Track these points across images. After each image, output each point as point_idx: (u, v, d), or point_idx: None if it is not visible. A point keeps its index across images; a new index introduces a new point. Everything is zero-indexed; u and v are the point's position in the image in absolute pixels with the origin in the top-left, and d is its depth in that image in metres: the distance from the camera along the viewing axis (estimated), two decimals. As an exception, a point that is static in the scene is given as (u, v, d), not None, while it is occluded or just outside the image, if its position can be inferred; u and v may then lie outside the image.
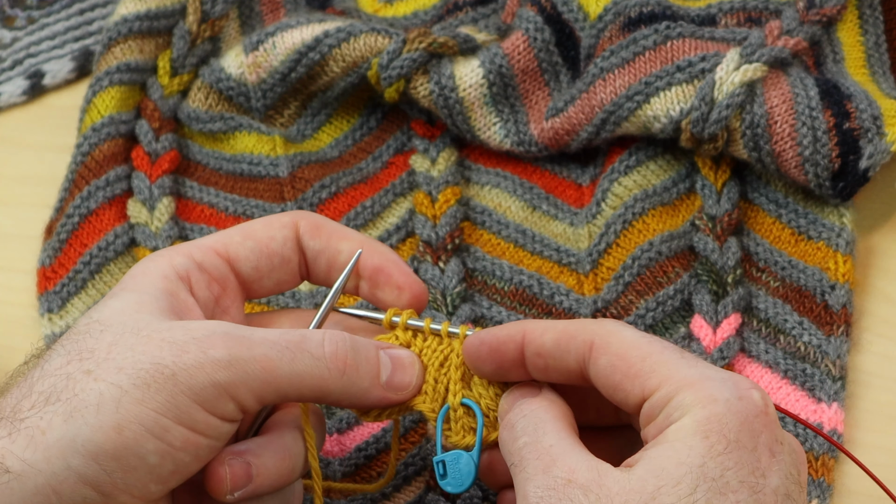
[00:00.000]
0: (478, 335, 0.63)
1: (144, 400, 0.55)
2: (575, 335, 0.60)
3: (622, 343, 0.59)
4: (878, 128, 0.78)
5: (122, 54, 0.87)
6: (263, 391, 0.58)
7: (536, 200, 0.85)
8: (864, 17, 0.87)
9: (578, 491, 0.55)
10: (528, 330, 0.61)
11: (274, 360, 0.58)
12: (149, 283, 0.61)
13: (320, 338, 0.60)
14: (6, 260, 0.84)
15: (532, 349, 0.61)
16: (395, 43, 0.84)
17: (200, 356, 0.57)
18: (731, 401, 0.56)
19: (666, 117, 0.81)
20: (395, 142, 0.88)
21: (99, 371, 0.56)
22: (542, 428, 0.59)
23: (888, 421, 0.75)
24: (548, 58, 0.86)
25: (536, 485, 0.56)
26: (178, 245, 0.64)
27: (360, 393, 0.61)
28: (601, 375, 0.59)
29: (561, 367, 0.61)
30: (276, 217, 0.65)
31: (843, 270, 0.79)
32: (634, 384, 0.58)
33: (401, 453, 0.74)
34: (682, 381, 0.57)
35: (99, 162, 0.84)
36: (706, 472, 0.55)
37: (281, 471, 0.61)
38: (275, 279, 0.65)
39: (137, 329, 0.58)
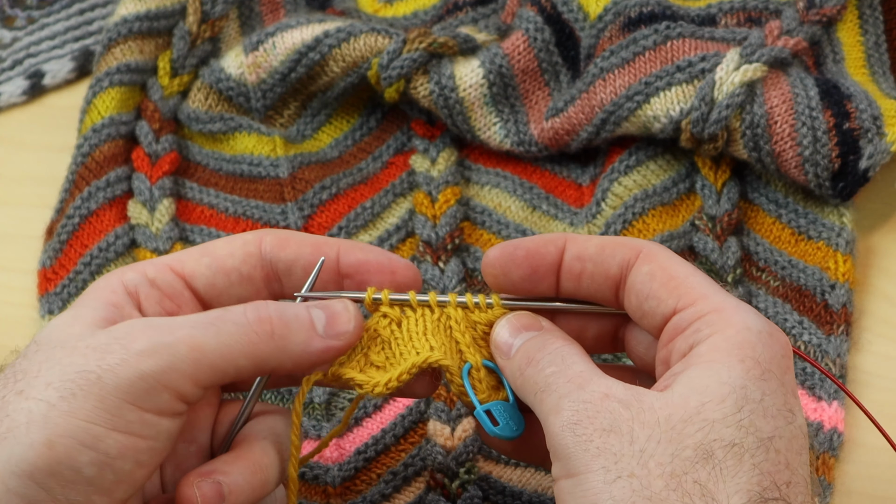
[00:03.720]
0: (511, 241, 0.63)
1: (72, 411, 0.54)
2: (623, 243, 0.61)
3: (669, 258, 0.60)
4: (878, 128, 0.78)
5: (122, 55, 0.87)
6: (197, 372, 0.57)
7: (536, 200, 0.85)
8: (864, 17, 0.87)
9: (617, 404, 0.55)
10: (571, 236, 0.62)
11: (198, 337, 0.56)
12: (92, 298, 0.60)
13: (241, 308, 0.59)
14: (6, 260, 0.84)
15: (573, 252, 0.61)
16: (395, 43, 0.84)
17: (122, 353, 0.55)
18: (763, 333, 0.57)
19: (666, 117, 0.81)
20: (395, 142, 0.88)
21: (29, 390, 0.55)
22: (569, 359, 0.59)
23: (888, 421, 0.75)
24: (548, 58, 0.86)
25: (571, 399, 0.56)
26: (136, 263, 0.63)
27: (299, 349, 0.59)
28: (638, 282, 0.60)
29: (599, 273, 0.61)
30: (240, 235, 0.64)
31: (843, 270, 0.79)
32: (671, 294, 0.58)
33: (400, 453, 0.74)
34: (717, 303, 0.58)
35: (99, 163, 0.84)
36: (748, 394, 0.55)
37: (253, 485, 0.60)
38: (234, 295, 0.63)
39: (65, 342, 0.57)
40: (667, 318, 0.59)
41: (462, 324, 0.64)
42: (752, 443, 0.54)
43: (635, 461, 0.53)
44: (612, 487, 0.53)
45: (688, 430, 0.54)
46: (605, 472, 0.53)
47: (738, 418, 0.54)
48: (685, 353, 0.57)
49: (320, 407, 0.76)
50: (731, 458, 0.53)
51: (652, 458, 0.53)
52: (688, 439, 0.53)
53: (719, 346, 0.56)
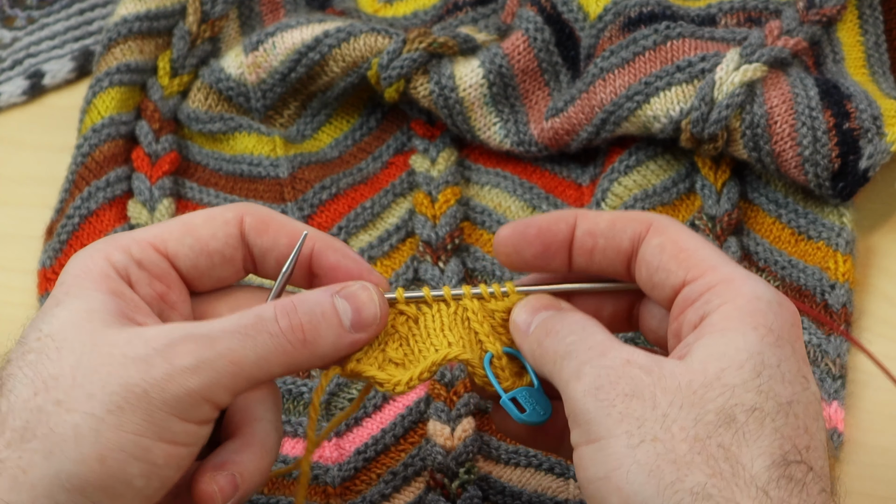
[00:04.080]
0: (522, 220, 0.63)
1: (122, 424, 0.55)
2: (633, 217, 0.61)
3: (679, 231, 0.60)
4: (878, 128, 0.78)
5: (122, 55, 0.87)
6: (235, 384, 0.57)
7: (536, 200, 0.85)
8: (864, 17, 0.87)
9: (639, 370, 0.55)
10: (582, 212, 0.62)
11: (237, 350, 0.57)
12: (91, 284, 0.59)
13: (272, 314, 0.58)
14: (6, 260, 0.84)
15: (585, 227, 0.62)
16: (395, 43, 0.84)
17: (167, 367, 0.55)
18: (773, 302, 0.57)
19: (666, 117, 0.81)
20: (395, 142, 0.88)
21: (69, 401, 0.55)
22: (589, 328, 0.59)
23: (888, 421, 0.75)
24: (548, 58, 0.86)
25: (593, 365, 0.56)
26: (114, 237, 0.62)
27: (329, 350, 0.60)
28: (648, 254, 0.60)
29: (611, 248, 0.61)
30: (220, 212, 0.63)
31: (843, 270, 0.79)
32: (680, 266, 0.59)
33: (400, 453, 0.74)
34: (727, 274, 0.58)
35: (99, 163, 0.84)
36: (766, 360, 0.55)
37: (262, 469, 0.61)
38: (216, 277, 0.63)
39: (95, 345, 0.56)
40: (677, 289, 0.59)
41: (479, 314, 0.64)
42: (772, 407, 0.54)
43: (658, 425, 0.53)
44: (636, 451, 0.53)
45: (709, 395, 0.54)
46: (628, 436, 0.53)
47: (757, 383, 0.54)
48: (696, 324, 0.57)
49: (320, 407, 0.76)
50: (753, 421, 0.54)
51: (675, 423, 0.53)
52: (709, 404, 0.54)
53: (731, 314, 0.56)
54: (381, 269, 0.82)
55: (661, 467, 0.53)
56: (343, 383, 0.77)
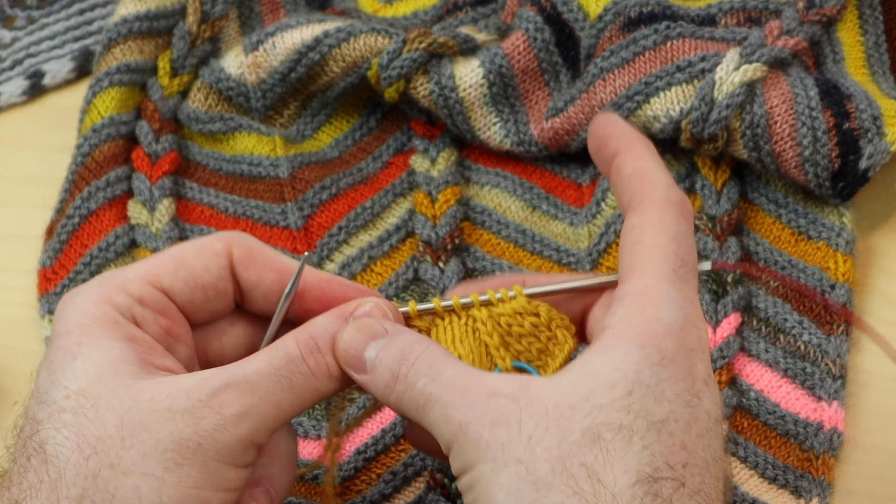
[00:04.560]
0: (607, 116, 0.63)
1: (181, 481, 0.55)
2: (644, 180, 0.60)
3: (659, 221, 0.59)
4: (878, 128, 0.78)
5: (122, 55, 0.87)
6: (276, 425, 0.58)
7: (536, 200, 0.85)
8: (864, 17, 0.87)
9: (504, 399, 0.54)
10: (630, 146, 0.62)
11: (277, 394, 0.57)
12: (103, 333, 0.58)
13: (298, 352, 0.58)
14: (6, 260, 0.84)
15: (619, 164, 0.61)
16: (395, 43, 0.84)
17: (217, 418, 0.56)
18: (674, 327, 0.56)
19: (666, 117, 0.81)
20: (395, 142, 0.88)
21: (123, 464, 0.54)
22: (437, 364, 0.57)
23: (888, 421, 0.75)
24: (548, 58, 0.86)
25: (456, 407, 0.55)
26: (108, 277, 0.61)
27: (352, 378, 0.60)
28: (624, 231, 0.60)
29: (619, 195, 0.61)
30: (209, 243, 0.62)
31: (843, 270, 0.79)
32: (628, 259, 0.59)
33: (400, 453, 0.74)
34: (646, 286, 0.57)
35: (99, 163, 0.84)
36: (641, 379, 0.54)
37: (290, 479, 0.62)
38: (209, 310, 0.63)
39: (134, 401, 0.56)
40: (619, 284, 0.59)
41: (489, 324, 0.63)
42: (641, 425, 0.54)
43: (522, 448, 0.53)
44: (499, 476, 0.53)
45: (576, 416, 0.53)
46: (493, 461, 0.53)
47: (626, 402, 0.54)
48: (597, 335, 0.57)
49: (320, 407, 0.76)
50: (620, 440, 0.53)
51: (539, 445, 0.53)
52: (575, 424, 0.53)
53: (624, 332, 0.56)
54: (381, 269, 0.82)
55: (522, 489, 0.53)
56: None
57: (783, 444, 0.74)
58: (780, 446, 0.74)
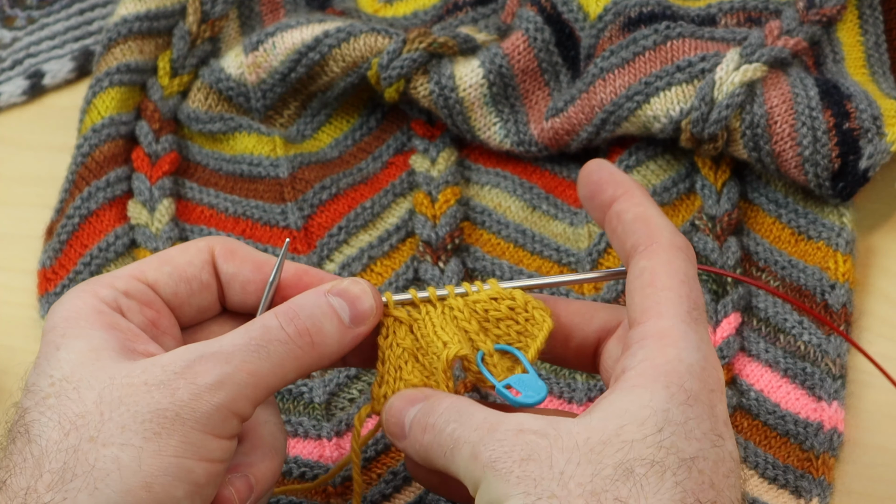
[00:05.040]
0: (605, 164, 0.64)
1: (161, 449, 0.55)
2: (649, 223, 0.61)
3: (668, 264, 0.60)
4: (878, 128, 0.78)
5: (122, 55, 0.87)
6: (256, 394, 0.58)
7: (536, 200, 0.85)
8: (864, 17, 0.87)
9: (533, 436, 0.55)
10: (629, 191, 0.63)
11: (254, 362, 0.58)
12: (87, 323, 0.60)
13: (276, 322, 0.59)
14: (6, 260, 0.84)
15: (617, 209, 0.62)
16: (395, 43, 0.84)
17: (192, 387, 0.56)
18: (695, 367, 0.57)
19: (666, 117, 0.81)
20: (395, 142, 0.88)
21: (102, 436, 0.55)
22: (466, 411, 0.58)
23: (888, 421, 0.75)
24: (548, 58, 0.86)
25: (485, 443, 0.55)
26: (94, 278, 0.63)
27: (335, 347, 0.61)
28: (632, 276, 0.60)
29: (621, 241, 0.62)
30: (193, 242, 0.64)
31: (843, 270, 0.79)
32: (640, 303, 0.59)
33: (400, 453, 0.74)
34: (664, 328, 0.58)
35: (99, 163, 0.84)
36: (670, 417, 0.55)
37: (273, 469, 0.62)
38: (195, 305, 0.64)
39: (112, 379, 0.57)
40: (631, 327, 0.59)
41: (466, 311, 0.64)
42: (673, 462, 0.54)
43: (555, 483, 0.53)
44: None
45: (607, 451, 0.54)
46: (525, 496, 0.53)
47: (658, 439, 0.54)
48: (618, 376, 0.57)
49: (320, 407, 0.76)
50: (653, 475, 0.53)
51: (572, 479, 0.53)
52: (607, 458, 0.54)
53: (647, 373, 0.56)
54: (382, 268, 0.82)
55: None
56: (343, 383, 0.77)
57: (783, 444, 0.74)
58: (780, 446, 0.74)
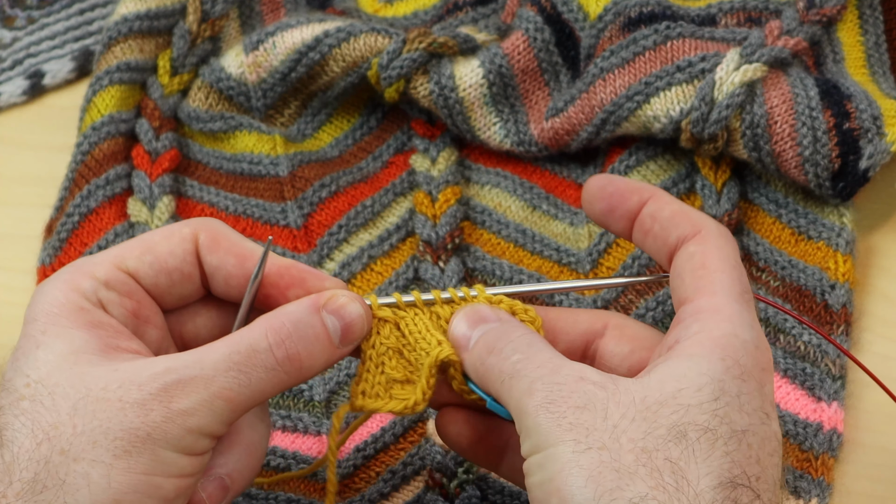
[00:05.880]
0: (612, 176, 0.65)
1: (131, 467, 0.55)
2: (690, 216, 0.62)
3: (718, 247, 0.61)
4: (878, 128, 0.78)
5: (122, 53, 0.87)
6: (232, 417, 0.58)
7: (536, 200, 0.85)
8: (864, 17, 0.87)
9: (592, 386, 0.55)
10: (658, 193, 0.63)
11: (233, 388, 0.57)
12: (68, 321, 0.59)
13: (266, 344, 0.59)
14: (6, 260, 0.84)
15: (652, 209, 0.63)
16: (395, 43, 0.84)
17: (165, 411, 0.56)
18: (749, 344, 0.57)
19: (666, 117, 0.81)
20: (395, 141, 0.88)
21: (73, 450, 0.55)
22: (535, 346, 0.59)
23: (888, 421, 0.75)
24: (548, 58, 0.86)
25: (545, 382, 0.56)
26: (75, 264, 0.62)
27: (320, 367, 0.60)
28: (680, 260, 0.61)
29: (661, 238, 0.62)
30: (178, 228, 0.63)
31: (843, 270, 0.79)
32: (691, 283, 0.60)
33: (399, 452, 0.74)
34: (717, 304, 0.58)
35: (99, 161, 0.84)
36: (725, 388, 0.55)
37: (251, 466, 0.61)
38: (177, 294, 0.63)
39: (89, 390, 0.56)
40: (681, 302, 0.60)
41: None
42: (725, 431, 0.54)
43: (607, 435, 0.54)
44: (580, 457, 0.53)
45: (663, 412, 0.54)
46: (575, 443, 0.54)
47: (713, 406, 0.55)
48: (671, 346, 0.58)
49: (320, 405, 0.76)
50: (705, 441, 0.54)
51: (624, 434, 0.54)
52: (662, 419, 0.54)
53: (703, 342, 0.57)
54: (381, 268, 0.82)
55: (603, 474, 0.53)
56: (343, 381, 0.77)
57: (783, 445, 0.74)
58: (779, 446, 0.74)
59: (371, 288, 0.81)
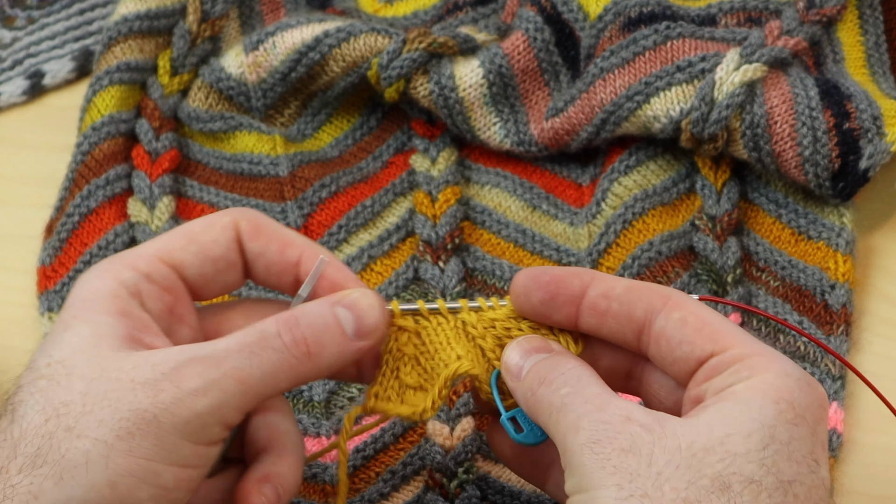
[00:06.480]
0: (543, 267, 0.64)
1: (132, 450, 0.55)
2: (651, 288, 0.60)
3: (698, 305, 0.60)
4: (878, 128, 0.78)
5: (122, 53, 0.87)
6: (244, 403, 0.58)
7: (536, 200, 0.85)
8: (864, 17, 0.87)
9: (639, 427, 0.55)
10: (598, 275, 0.61)
11: (244, 369, 0.57)
12: (100, 307, 0.59)
13: (275, 329, 0.59)
14: (6, 260, 0.84)
15: (600, 290, 0.61)
16: (395, 43, 0.84)
17: (175, 391, 0.56)
18: (802, 382, 0.56)
19: (666, 117, 0.81)
20: (395, 141, 0.88)
21: (79, 427, 0.55)
22: (585, 380, 0.58)
23: (888, 421, 0.75)
24: (548, 58, 0.86)
25: (591, 419, 0.55)
26: (120, 255, 0.62)
27: (334, 359, 0.60)
28: (670, 328, 0.59)
29: (624, 314, 0.61)
30: (217, 217, 0.63)
31: (843, 270, 0.79)
32: (706, 340, 0.58)
33: (399, 452, 0.74)
34: (756, 349, 0.57)
35: (99, 161, 0.84)
36: (776, 434, 0.54)
37: (298, 477, 0.62)
38: (220, 282, 0.63)
39: (104, 371, 0.57)
40: (701, 361, 0.58)
41: (480, 326, 0.63)
42: (771, 483, 0.53)
43: (650, 482, 0.53)
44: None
45: (708, 460, 0.53)
46: (618, 489, 0.53)
47: (761, 455, 0.54)
48: (720, 391, 0.57)
49: (319, 405, 0.76)
50: (748, 493, 0.53)
51: (668, 482, 0.53)
52: (707, 468, 0.53)
53: (756, 386, 0.56)
54: (381, 268, 0.82)
55: None
56: (342, 383, 0.77)
57: (783, 444, 0.74)
58: (780, 446, 0.74)
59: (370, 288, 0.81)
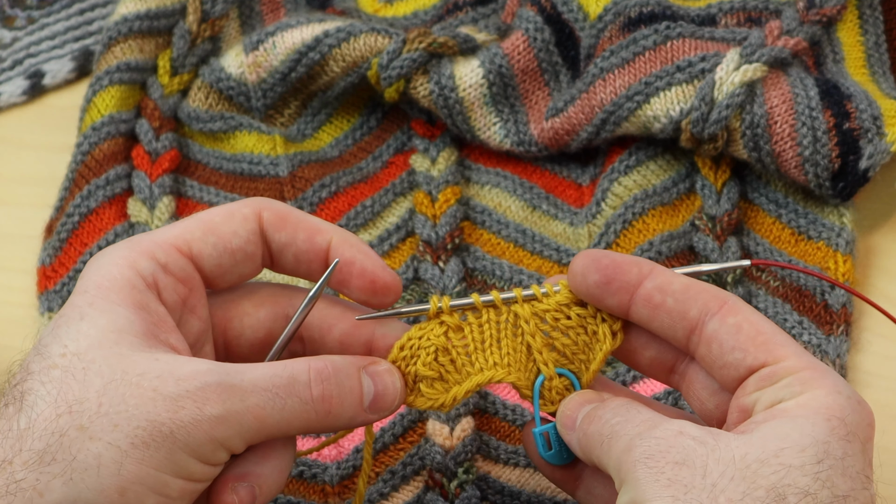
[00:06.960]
0: (605, 251, 0.63)
1: (144, 459, 0.55)
2: (708, 290, 0.60)
3: (754, 313, 0.59)
4: (878, 128, 0.78)
5: (122, 54, 0.87)
6: (254, 438, 0.58)
7: (536, 200, 0.85)
8: (864, 17, 0.87)
9: (692, 441, 0.54)
10: (658, 268, 0.61)
11: (266, 409, 0.57)
12: (117, 297, 0.59)
13: (307, 378, 0.59)
14: (6, 260, 0.84)
15: (657, 283, 0.61)
16: (395, 43, 0.84)
17: (196, 413, 0.56)
18: (853, 399, 0.57)
19: (666, 117, 0.80)
20: (395, 141, 0.88)
21: (93, 428, 0.55)
22: (634, 408, 0.58)
23: (888, 421, 0.75)
24: (548, 58, 0.86)
25: (643, 438, 0.55)
26: (136, 241, 0.61)
27: (344, 424, 0.61)
28: (723, 332, 0.59)
29: (678, 311, 0.60)
30: (238, 208, 0.63)
31: (843, 270, 0.79)
32: (759, 349, 0.58)
33: (399, 452, 0.74)
34: (808, 363, 0.57)
35: (99, 161, 0.84)
36: (830, 450, 0.54)
37: (280, 479, 0.61)
38: (237, 273, 0.63)
39: (124, 373, 0.56)
40: (752, 370, 0.58)
41: (532, 322, 0.63)
42: (826, 497, 0.53)
43: (705, 494, 0.53)
44: None
45: (763, 471, 0.53)
46: (673, 500, 0.53)
47: (815, 469, 0.54)
48: (771, 405, 0.57)
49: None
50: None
51: (723, 494, 0.53)
52: (761, 480, 0.53)
53: (808, 403, 0.56)
54: (381, 268, 0.82)
55: None
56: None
57: (783, 444, 0.74)
58: (780, 446, 0.74)
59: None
